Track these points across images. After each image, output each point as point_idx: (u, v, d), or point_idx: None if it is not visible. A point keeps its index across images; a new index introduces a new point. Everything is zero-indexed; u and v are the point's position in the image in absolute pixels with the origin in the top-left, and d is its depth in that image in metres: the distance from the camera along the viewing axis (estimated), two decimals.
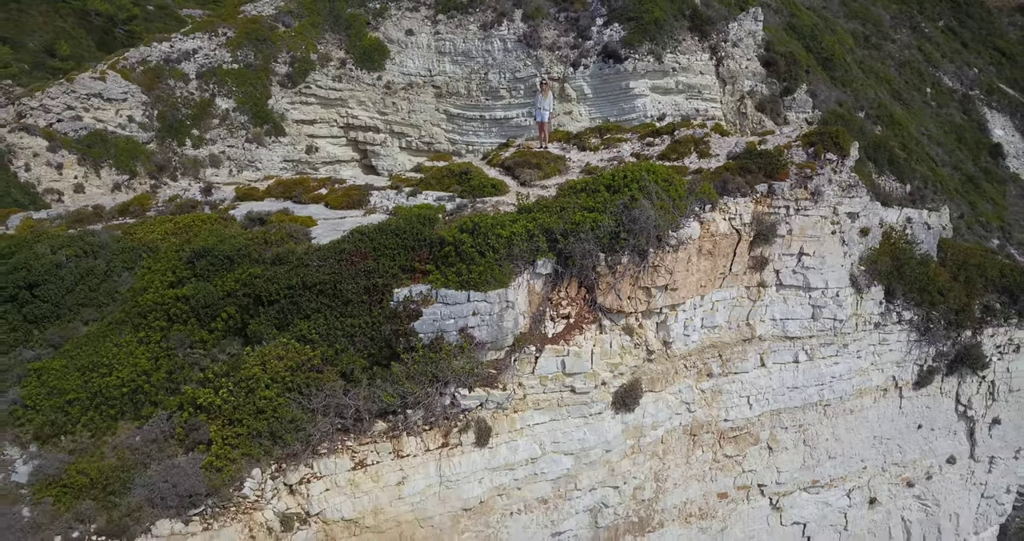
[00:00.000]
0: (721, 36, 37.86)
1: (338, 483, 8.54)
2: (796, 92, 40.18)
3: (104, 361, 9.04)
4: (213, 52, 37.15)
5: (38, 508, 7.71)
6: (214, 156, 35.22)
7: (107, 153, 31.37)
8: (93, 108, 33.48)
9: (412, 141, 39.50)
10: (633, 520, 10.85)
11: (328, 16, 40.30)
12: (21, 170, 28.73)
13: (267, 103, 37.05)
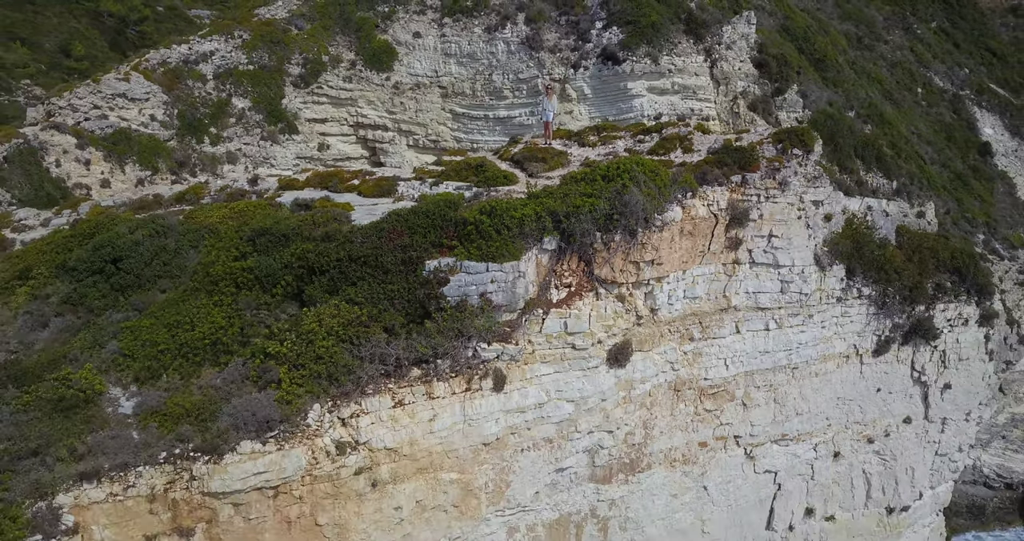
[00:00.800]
0: (715, 39, 39.72)
1: (381, 418, 10.51)
2: (787, 92, 42.01)
3: (186, 319, 11.02)
4: (229, 54, 38.98)
5: (145, 431, 9.68)
6: (231, 153, 37.10)
7: (131, 150, 33.20)
8: (118, 107, 35.22)
9: (419, 139, 41.42)
10: (625, 461, 12.84)
11: (339, 19, 42.12)
12: (52, 166, 30.57)
13: (281, 103, 38.98)
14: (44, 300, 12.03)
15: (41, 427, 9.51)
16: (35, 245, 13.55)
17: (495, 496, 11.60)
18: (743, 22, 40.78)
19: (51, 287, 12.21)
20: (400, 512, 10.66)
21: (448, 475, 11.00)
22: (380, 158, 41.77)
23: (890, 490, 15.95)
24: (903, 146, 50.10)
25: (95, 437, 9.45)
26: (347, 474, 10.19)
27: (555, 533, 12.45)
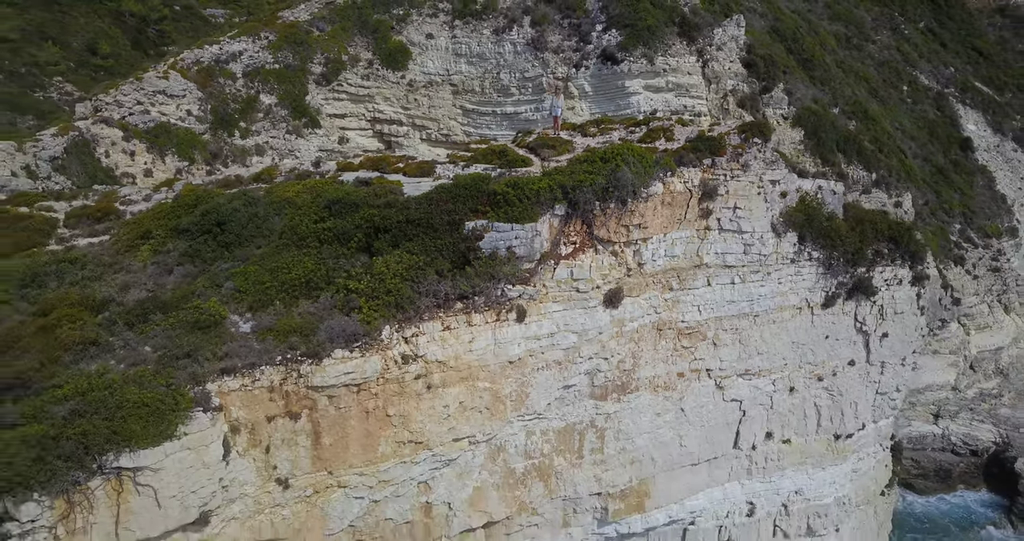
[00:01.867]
0: (707, 41, 43.67)
1: (434, 338, 14.17)
2: (773, 91, 45.89)
3: (283, 265, 14.66)
4: (257, 54, 42.84)
5: (263, 342, 13.33)
6: (259, 146, 40.93)
7: (170, 142, 36.97)
8: (158, 103, 39.00)
9: (431, 133, 45.20)
10: (617, 383, 16.51)
11: (357, 21, 45.93)
12: (103, 156, 34.31)
13: (304, 99, 42.83)
14: (166, 254, 15.68)
15: (188, 339, 13.15)
16: (148, 213, 17.20)
17: (517, 404, 15.28)
18: (733, 25, 44.57)
19: (170, 244, 15.86)
20: (447, 409, 14.34)
21: (482, 384, 14.68)
22: (395, 151, 45.69)
23: (837, 420, 19.62)
24: (885, 141, 54.02)
25: (228, 346, 13.09)
26: (409, 378, 13.87)
27: (563, 438, 16.13)
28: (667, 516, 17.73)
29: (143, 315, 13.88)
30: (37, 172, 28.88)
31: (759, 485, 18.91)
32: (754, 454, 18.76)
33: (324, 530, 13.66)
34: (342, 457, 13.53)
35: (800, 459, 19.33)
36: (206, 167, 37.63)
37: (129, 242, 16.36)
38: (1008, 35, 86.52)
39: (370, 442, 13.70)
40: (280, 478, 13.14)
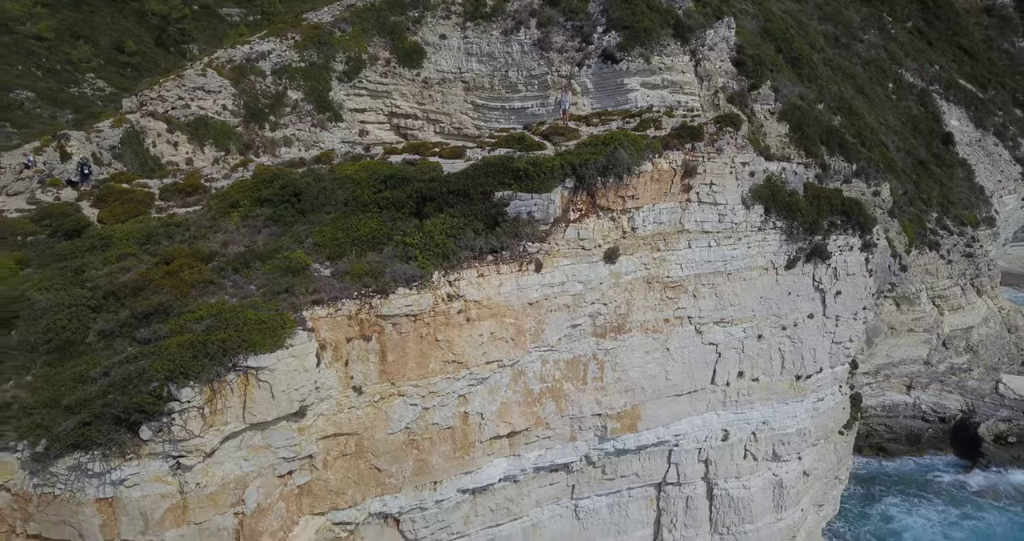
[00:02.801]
0: (699, 41, 48.10)
1: (471, 282, 18.40)
2: (761, 88, 50.33)
3: (353, 226, 18.87)
4: (284, 53, 47.18)
5: (342, 282, 17.52)
6: (287, 137, 45.23)
7: (208, 134, 41.26)
8: (197, 98, 43.27)
9: (444, 127, 49.57)
10: (614, 325, 20.76)
11: (376, 23, 50.35)
12: (151, 146, 38.54)
13: (328, 95, 47.14)
14: (254, 218, 19.91)
15: (284, 280, 17.36)
16: (233, 187, 21.44)
17: (535, 337, 19.54)
18: (724, 27, 49.00)
19: (256, 211, 20.09)
20: (482, 338, 18.59)
21: (508, 320, 18.93)
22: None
23: (798, 363, 23.86)
24: (868, 135, 58.51)
25: (316, 284, 17.30)
26: (453, 312, 18.12)
27: (570, 367, 20.40)
28: (655, 437, 21.99)
29: (245, 263, 18.14)
30: (101, 159, 33.09)
31: (732, 415, 23.18)
32: (728, 389, 23.03)
33: (386, 429, 17.93)
34: (401, 371, 17.80)
35: (767, 395, 23.60)
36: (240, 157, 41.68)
37: (221, 210, 20.60)
38: (994, 34, 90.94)
39: (423, 360, 17.96)
40: (355, 386, 17.41)
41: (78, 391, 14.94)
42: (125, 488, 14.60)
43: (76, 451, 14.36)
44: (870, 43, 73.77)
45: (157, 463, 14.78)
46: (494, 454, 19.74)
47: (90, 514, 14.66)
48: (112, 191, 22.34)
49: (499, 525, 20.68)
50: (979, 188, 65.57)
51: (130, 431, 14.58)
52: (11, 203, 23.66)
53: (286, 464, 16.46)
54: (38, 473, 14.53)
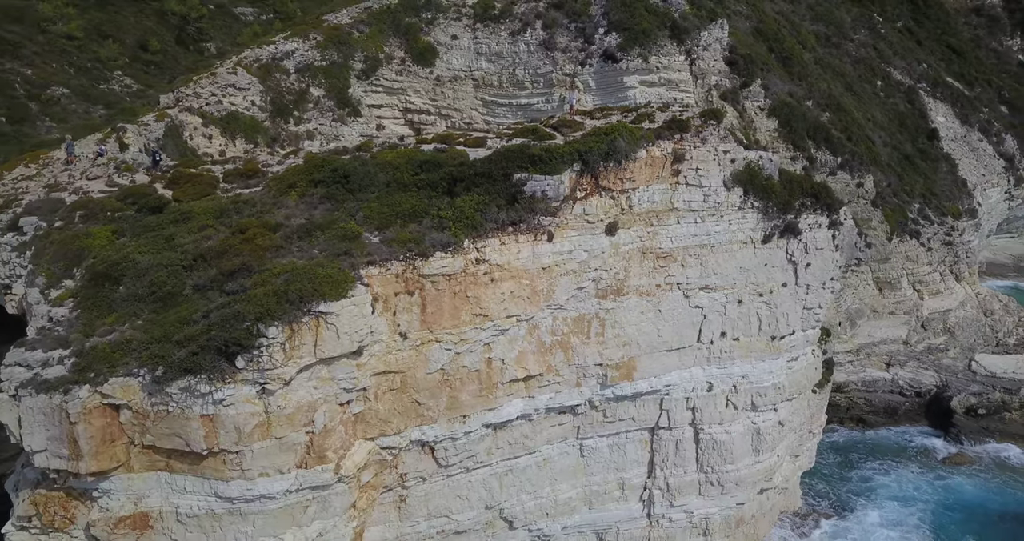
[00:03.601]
0: (694, 42, 52.26)
1: (495, 249, 22.42)
2: (752, 85, 54.46)
3: (396, 202, 22.88)
4: (307, 52, 51.25)
5: (390, 247, 21.53)
6: (310, 131, 49.28)
7: (239, 128, 45.24)
8: (229, 94, 47.22)
9: (455, 122, 53.67)
10: (614, 288, 24.79)
11: (391, 24, 54.51)
12: (188, 139, 42.43)
13: (347, 92, 51.23)
14: (310, 197, 23.92)
15: (341, 245, 21.36)
16: (288, 171, 25.44)
17: (547, 297, 23.57)
18: (717, 28, 53.14)
19: (311, 191, 24.10)
20: (503, 295, 22.62)
21: (525, 281, 22.96)
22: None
23: (773, 326, 27.88)
24: (854, 130, 62.69)
25: (369, 248, 21.32)
26: (480, 273, 22.14)
27: (576, 323, 24.43)
28: (649, 386, 26.03)
29: (307, 232, 22.18)
30: (149, 149, 37.14)
31: (716, 370, 27.22)
32: (712, 347, 27.06)
33: (425, 369, 21.98)
34: (438, 321, 21.84)
35: (746, 353, 27.63)
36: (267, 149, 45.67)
37: (280, 190, 24.63)
38: (982, 33, 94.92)
39: (455, 313, 22.01)
40: (401, 332, 21.46)
41: (185, 329, 18.99)
42: (223, 407, 18.63)
43: (187, 375, 18.39)
44: (860, 42, 77.80)
45: (248, 387, 18.81)
46: (512, 395, 23.81)
47: (196, 427, 18.70)
48: (182, 175, 26.38)
49: (516, 458, 24.76)
50: (962, 181, 69.53)
51: (228, 360, 18.61)
52: (93, 185, 27.73)
53: (345, 394, 20.50)
54: (155, 394, 18.57)
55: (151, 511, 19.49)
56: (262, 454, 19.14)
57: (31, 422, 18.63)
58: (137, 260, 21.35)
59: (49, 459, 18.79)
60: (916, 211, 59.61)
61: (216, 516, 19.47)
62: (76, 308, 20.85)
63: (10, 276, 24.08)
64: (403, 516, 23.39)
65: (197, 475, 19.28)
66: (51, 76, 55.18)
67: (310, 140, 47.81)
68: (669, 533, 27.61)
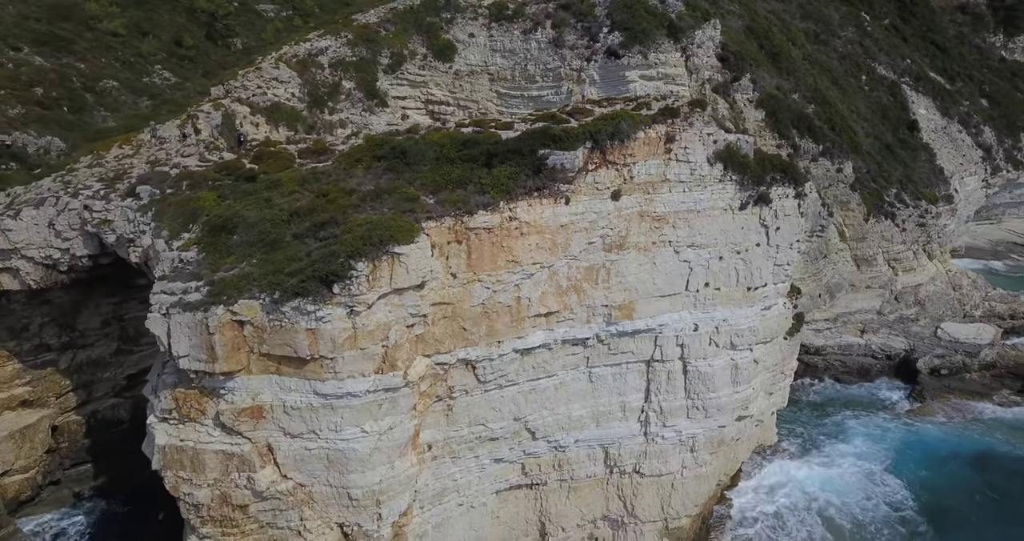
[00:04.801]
0: (689, 40, 59.07)
1: (523, 209, 28.99)
2: (741, 80, 61.22)
3: (445, 173, 29.44)
4: (339, 49, 57.92)
5: (443, 206, 28.11)
6: (342, 120, 55.94)
7: (282, 117, 51.71)
8: (272, 87, 53.71)
9: (472, 112, 60.38)
10: (617, 243, 31.42)
11: (414, 23, 61.19)
12: (239, 126, 48.79)
13: (375, 85, 57.86)
14: (375, 169, 30.50)
15: (405, 204, 27.94)
16: (353, 149, 32.01)
17: (564, 249, 30.19)
18: (710, 27, 59.88)
19: (375, 164, 30.68)
20: (530, 246, 29.22)
21: (547, 236, 29.57)
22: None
23: (749, 278, 34.49)
24: (838, 121, 69.55)
25: (427, 207, 27.92)
26: (512, 228, 28.74)
27: (587, 272, 31.05)
28: (645, 325, 32.66)
29: (376, 195, 28.78)
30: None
31: (701, 314, 33.86)
32: (697, 295, 33.70)
33: (470, 303, 28.59)
34: (480, 265, 28.46)
35: (726, 300, 34.27)
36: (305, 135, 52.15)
37: (349, 164, 31.24)
38: (967, 30, 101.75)
39: (493, 259, 28.61)
40: (452, 273, 28.07)
41: (293, 265, 25.62)
42: (323, 323, 25.22)
43: (296, 298, 24.99)
44: (847, 39, 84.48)
45: (340, 309, 25.40)
46: (536, 327, 30.46)
47: (302, 339, 25.30)
48: (265, 152, 33.01)
49: (538, 379, 31.42)
50: (939, 169, 76.29)
51: (327, 288, 25.18)
52: (188, 161, 34.36)
53: (411, 318, 27.12)
54: (271, 312, 25.17)
55: (264, 405, 26.13)
56: (350, 360, 25.74)
57: (178, 334, 25.29)
58: (246, 215, 27.97)
59: (191, 362, 25.43)
60: (893, 195, 66.29)
61: (314, 409, 26.09)
62: (201, 252, 27.47)
63: (134, 232, 30.68)
64: (449, 422, 30.06)
65: (300, 377, 25.89)
66: (101, 70, 61.53)
67: (342, 128, 54.37)
68: (662, 449, 34.30)
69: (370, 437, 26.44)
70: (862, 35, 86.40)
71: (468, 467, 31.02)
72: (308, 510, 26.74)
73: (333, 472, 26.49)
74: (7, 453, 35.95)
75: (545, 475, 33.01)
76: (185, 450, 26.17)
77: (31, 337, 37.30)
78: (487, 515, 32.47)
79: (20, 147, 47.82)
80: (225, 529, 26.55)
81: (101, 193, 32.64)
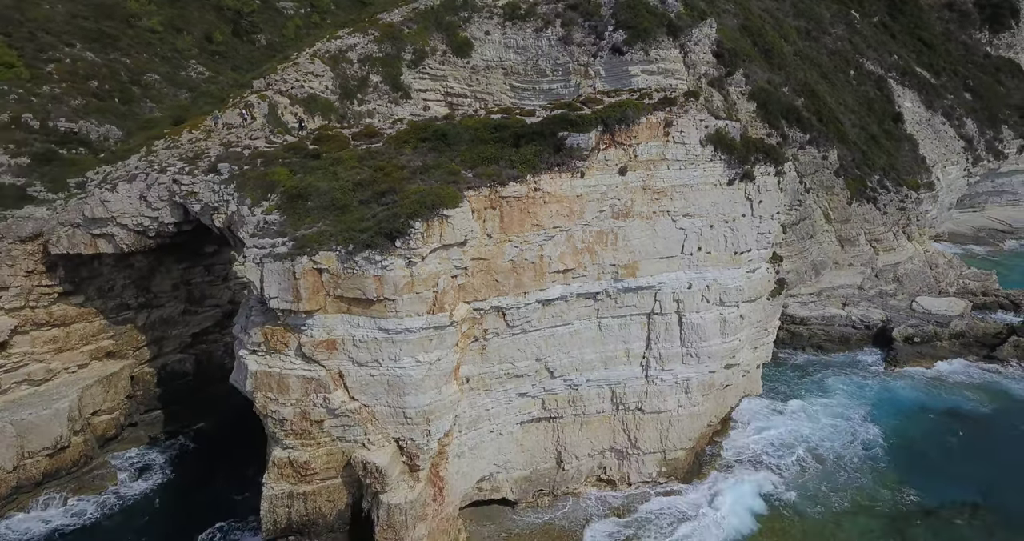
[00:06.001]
0: (687, 38, 66.05)
1: (546, 182, 35.66)
2: (735, 74, 68.13)
3: (480, 151, 36.06)
4: (366, 46, 64.70)
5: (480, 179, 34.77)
6: (370, 111, 62.69)
7: (317, 107, 58.39)
8: (308, 80, 60.39)
9: (488, 103, 67.13)
10: (623, 212, 38.13)
11: (434, 22, 68.02)
12: (280, 115, 55.45)
13: (400, 78, 64.68)
14: (421, 149, 37.18)
15: (449, 177, 34.60)
16: (400, 133, 38.70)
17: (579, 216, 36.92)
18: (706, 26, 66.90)
19: (420, 145, 37.37)
20: (551, 212, 35.94)
21: (565, 204, 36.26)
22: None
23: (736, 244, 41.21)
24: (825, 113, 76.58)
25: (467, 179, 34.57)
26: (536, 197, 35.43)
27: (598, 235, 37.76)
28: (647, 282, 39.37)
29: (424, 170, 35.49)
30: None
31: (694, 274, 40.59)
32: (691, 258, 40.43)
33: (501, 259, 35.33)
34: (510, 228, 35.18)
35: (716, 263, 41.01)
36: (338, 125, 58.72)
37: (398, 145, 37.96)
38: (953, 27, 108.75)
39: (521, 222, 35.33)
40: (487, 233, 34.79)
41: (362, 224, 32.32)
42: (387, 270, 31.92)
43: (366, 250, 31.68)
44: (837, 36, 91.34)
45: (401, 260, 32.08)
46: (555, 282, 37.18)
47: (370, 283, 31.99)
48: (324, 135, 39.73)
49: (556, 326, 38.15)
50: (922, 159, 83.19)
51: (390, 241, 31.87)
52: (257, 143, 41.05)
53: (455, 270, 33.81)
54: (345, 262, 31.86)
55: (337, 338, 32.84)
56: (408, 302, 32.44)
57: (269, 279, 32.01)
58: (318, 186, 34.66)
59: (279, 303, 32.14)
60: (875, 181, 73.12)
61: (377, 342, 32.79)
62: (282, 216, 34.15)
63: (219, 201, 37.33)
64: (483, 360, 36.80)
65: (367, 315, 32.59)
66: (144, 64, 68.07)
67: (370, 119, 61.05)
68: (661, 390, 41.08)
69: (422, 366, 33.15)
70: (852, 32, 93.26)
71: (498, 399, 37.80)
72: (371, 426, 33.47)
73: (392, 394, 33.22)
74: (96, 396, 42.67)
75: (561, 409, 39.79)
76: (272, 375, 32.92)
77: (114, 296, 44.00)
78: (513, 442, 39.27)
79: (84, 134, 54.38)
80: (304, 440, 33.31)
81: (186, 170, 39.31)
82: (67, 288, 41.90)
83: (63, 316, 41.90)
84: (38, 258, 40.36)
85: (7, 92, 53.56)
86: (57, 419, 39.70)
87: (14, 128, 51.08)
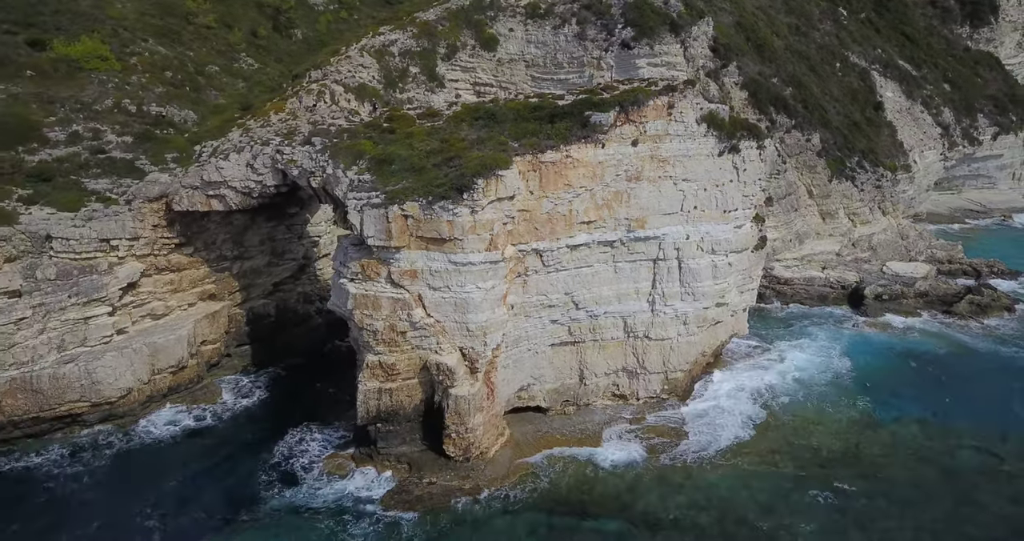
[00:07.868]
0: (687, 34, 78.31)
1: (576, 150, 47.35)
2: (729, 67, 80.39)
3: (523, 127, 47.72)
4: (406, 41, 76.66)
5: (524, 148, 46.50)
6: (410, 98, 74.67)
7: (366, 95, 70.12)
8: (359, 71, 72.10)
9: (511, 92, 78.63)
10: (635, 176, 49.89)
11: (464, 20, 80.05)
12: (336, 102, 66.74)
13: (435, 70, 76.60)
14: (475, 125, 48.89)
15: (500, 146, 46.28)
16: (456, 113, 50.38)
17: (600, 178, 48.66)
18: (704, 24, 79.20)
19: (475, 122, 49.07)
20: (580, 174, 47.66)
21: (589, 168, 48.00)
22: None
23: (725, 204, 52.92)
24: (811, 101, 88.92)
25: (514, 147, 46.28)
26: (567, 163, 47.15)
27: (616, 194, 49.54)
28: (653, 233, 51.12)
29: (480, 142, 47.24)
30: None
31: (691, 228, 52.36)
32: (689, 214, 52.25)
33: (540, 211, 47.07)
34: (546, 187, 46.93)
35: (708, 219, 52.81)
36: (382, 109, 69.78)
37: (456, 122, 49.72)
38: (936, 23, 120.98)
39: (556, 182, 47.08)
40: (529, 191, 46.55)
41: (437, 181, 44.09)
42: (456, 217, 43.65)
43: (442, 200, 43.42)
44: (825, 32, 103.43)
45: (466, 209, 43.77)
46: (581, 231, 48.95)
47: (444, 226, 43.71)
48: (394, 115, 51.52)
49: (581, 268, 49.93)
50: (900, 143, 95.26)
51: (459, 194, 43.58)
52: (340, 121, 52.79)
53: (506, 217, 45.54)
54: (425, 209, 43.61)
55: (417, 269, 44.59)
56: (471, 241, 44.13)
57: (368, 222, 43.78)
58: (398, 153, 46.42)
59: (375, 240, 43.90)
60: (854, 162, 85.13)
61: (448, 272, 44.51)
62: (373, 176, 45.89)
63: (315, 167, 49.04)
64: (525, 291, 48.59)
65: (441, 251, 44.30)
66: (204, 57, 79.56)
67: (410, 105, 72.71)
68: (663, 321, 52.90)
69: (481, 291, 44.93)
70: (838, 28, 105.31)
71: (535, 324, 49.66)
72: (442, 337, 45.26)
73: (458, 313, 44.99)
74: (205, 328, 54.44)
75: (584, 335, 51.65)
76: (368, 297, 44.71)
77: (216, 249, 55.75)
78: (545, 360, 51.15)
79: (170, 117, 65.91)
80: (391, 348, 45.10)
81: (284, 143, 51.08)
82: (181, 240, 53.54)
83: (177, 263, 53.56)
84: (161, 214, 51.99)
85: (106, 81, 65.10)
86: (180, 343, 51.45)
87: (116, 112, 62.64)
